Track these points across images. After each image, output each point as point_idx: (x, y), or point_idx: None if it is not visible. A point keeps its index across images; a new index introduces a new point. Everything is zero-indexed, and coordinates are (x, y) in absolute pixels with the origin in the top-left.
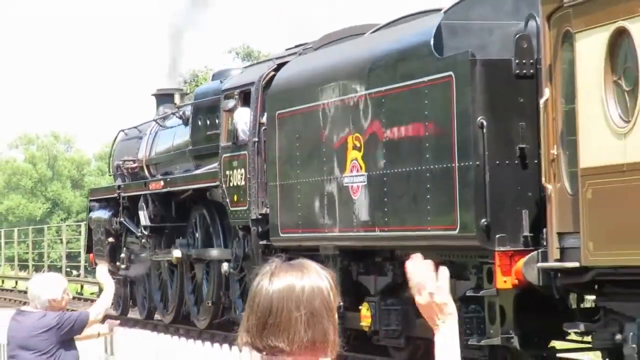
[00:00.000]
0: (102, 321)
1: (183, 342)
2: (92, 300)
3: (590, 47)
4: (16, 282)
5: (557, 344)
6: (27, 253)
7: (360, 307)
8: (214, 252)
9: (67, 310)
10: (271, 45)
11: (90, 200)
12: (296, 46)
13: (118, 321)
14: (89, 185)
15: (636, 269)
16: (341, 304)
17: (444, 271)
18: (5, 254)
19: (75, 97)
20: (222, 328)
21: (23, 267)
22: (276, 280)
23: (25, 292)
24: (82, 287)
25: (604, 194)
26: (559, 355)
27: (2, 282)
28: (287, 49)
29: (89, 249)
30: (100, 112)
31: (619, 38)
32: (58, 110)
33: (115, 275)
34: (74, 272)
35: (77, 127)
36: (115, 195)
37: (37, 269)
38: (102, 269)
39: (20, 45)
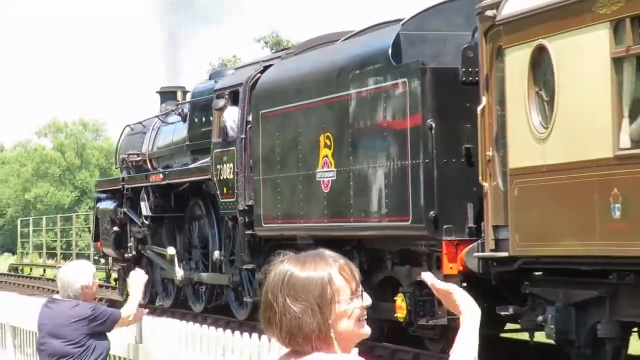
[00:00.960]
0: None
1: (212, 330)
2: (114, 288)
3: (517, 61)
4: (44, 271)
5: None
6: (55, 241)
7: None
8: (212, 277)
9: (97, 299)
10: (300, 34)
11: (97, 192)
12: (281, 49)
13: (147, 310)
14: (117, 174)
15: (554, 259)
16: (362, 295)
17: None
18: (34, 242)
19: (105, 85)
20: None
21: (51, 256)
22: (274, 272)
23: (54, 280)
24: (109, 275)
25: (527, 192)
26: (502, 335)
27: (31, 270)
28: (273, 52)
29: (96, 238)
30: (129, 101)
31: (539, 54)
32: (87, 98)
33: (120, 262)
34: (102, 261)
35: (106, 116)
36: (120, 187)
37: (65, 257)
38: (138, 274)
39: (49, 32)
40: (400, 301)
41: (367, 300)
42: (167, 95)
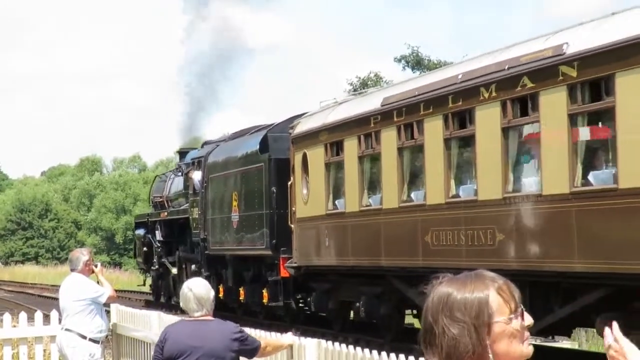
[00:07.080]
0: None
1: (358, 350)
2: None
3: (298, 160)
4: None
5: None
6: None
7: (240, 289)
8: (193, 256)
9: None
10: (442, 52)
11: (135, 222)
12: (234, 132)
13: (291, 331)
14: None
15: (317, 267)
16: (523, 315)
17: (614, 325)
18: None
19: (246, 103)
20: None
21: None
22: (433, 294)
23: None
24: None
25: (302, 230)
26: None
27: None
28: (232, 133)
29: (135, 256)
30: (267, 120)
31: (305, 158)
32: (228, 116)
33: (147, 273)
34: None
35: None
36: (146, 220)
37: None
38: (291, 339)
39: (191, 52)
40: (265, 292)
41: (528, 319)
42: (183, 154)
